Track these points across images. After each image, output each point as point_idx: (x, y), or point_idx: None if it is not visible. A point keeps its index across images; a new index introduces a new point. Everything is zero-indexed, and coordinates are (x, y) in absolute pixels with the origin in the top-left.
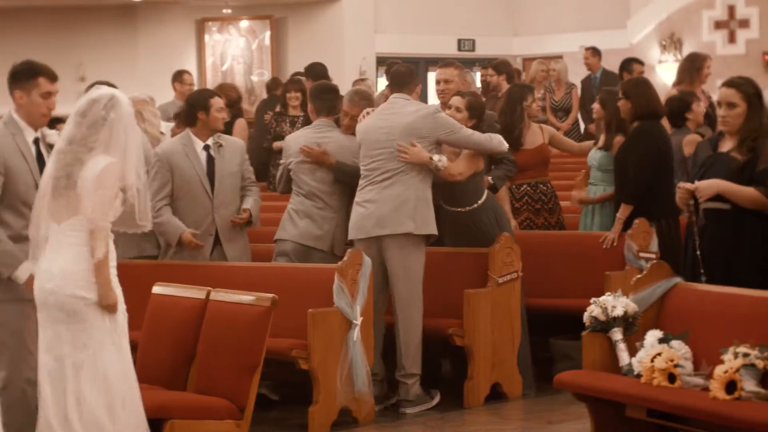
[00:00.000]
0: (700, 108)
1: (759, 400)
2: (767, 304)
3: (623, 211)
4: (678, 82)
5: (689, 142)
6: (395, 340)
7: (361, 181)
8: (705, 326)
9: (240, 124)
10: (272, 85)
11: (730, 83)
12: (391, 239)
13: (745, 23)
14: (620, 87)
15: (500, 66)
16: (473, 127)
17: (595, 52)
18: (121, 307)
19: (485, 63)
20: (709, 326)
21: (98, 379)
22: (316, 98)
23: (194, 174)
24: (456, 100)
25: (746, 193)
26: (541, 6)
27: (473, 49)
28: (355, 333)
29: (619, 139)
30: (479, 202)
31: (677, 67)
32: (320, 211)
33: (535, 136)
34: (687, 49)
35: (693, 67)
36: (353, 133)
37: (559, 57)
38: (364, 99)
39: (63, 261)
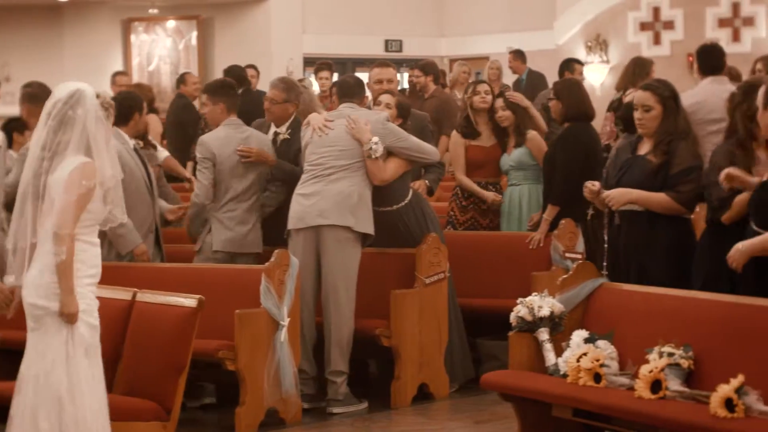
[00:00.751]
0: None
1: (683, 399)
2: (692, 303)
3: (550, 212)
4: (629, 85)
5: None
6: (323, 339)
7: (303, 176)
8: (630, 326)
9: (153, 117)
10: (178, 81)
11: (646, 87)
12: (330, 231)
13: (669, 25)
14: (552, 87)
15: (427, 67)
16: (400, 126)
17: (518, 55)
18: (89, 319)
19: (412, 64)
20: (634, 326)
21: (53, 401)
22: (225, 95)
23: (139, 172)
24: (387, 98)
25: (657, 199)
26: (467, 7)
27: (400, 50)
28: (282, 334)
29: (532, 134)
30: (405, 201)
31: (622, 71)
32: (247, 214)
33: (492, 134)
34: (613, 51)
35: (643, 72)
36: (274, 119)
37: (485, 58)
38: (289, 87)
39: (35, 268)
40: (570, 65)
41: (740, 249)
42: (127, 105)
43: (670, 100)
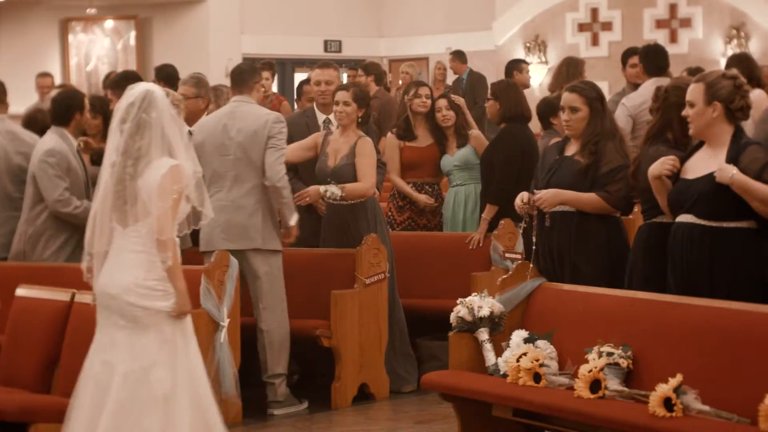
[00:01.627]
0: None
1: (622, 398)
2: (630, 303)
3: (488, 212)
4: (556, 87)
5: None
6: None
7: (207, 185)
8: (570, 326)
9: None
10: (103, 82)
11: (572, 88)
12: (240, 251)
13: (607, 26)
14: (490, 88)
15: (369, 67)
16: (364, 115)
17: (457, 55)
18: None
19: (352, 64)
20: (573, 326)
21: (156, 400)
22: (123, 88)
23: (82, 173)
24: (342, 95)
25: (587, 199)
26: (406, 8)
27: (339, 50)
28: (222, 334)
29: (475, 132)
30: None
31: (553, 71)
32: None
33: (429, 135)
34: (551, 51)
35: (576, 72)
36: (186, 116)
37: (424, 59)
38: (199, 82)
39: (125, 267)
40: (518, 65)
41: (735, 175)
42: (66, 105)
43: (597, 102)
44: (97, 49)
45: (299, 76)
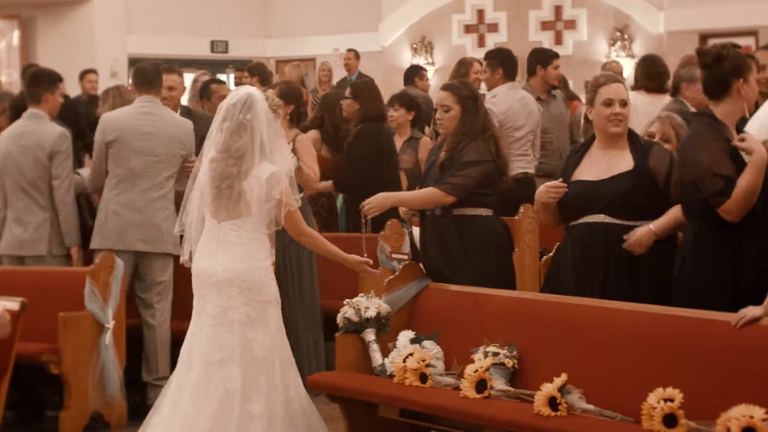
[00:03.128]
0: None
1: (508, 398)
2: (516, 304)
3: None
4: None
5: (423, 145)
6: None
7: (117, 182)
8: (456, 326)
9: None
10: None
11: (446, 87)
12: (152, 256)
13: (493, 27)
14: (350, 88)
15: (254, 68)
16: (292, 113)
17: (357, 54)
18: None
19: (239, 65)
20: (460, 326)
21: (225, 394)
22: (25, 87)
23: None
24: (269, 93)
25: (421, 195)
26: (293, 8)
27: (226, 51)
28: (107, 336)
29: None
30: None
31: (451, 72)
32: (31, 215)
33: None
34: (438, 53)
35: (458, 74)
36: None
37: (311, 59)
38: None
39: (227, 257)
40: (419, 72)
41: (656, 231)
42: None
43: (469, 101)
44: None
45: (187, 77)
